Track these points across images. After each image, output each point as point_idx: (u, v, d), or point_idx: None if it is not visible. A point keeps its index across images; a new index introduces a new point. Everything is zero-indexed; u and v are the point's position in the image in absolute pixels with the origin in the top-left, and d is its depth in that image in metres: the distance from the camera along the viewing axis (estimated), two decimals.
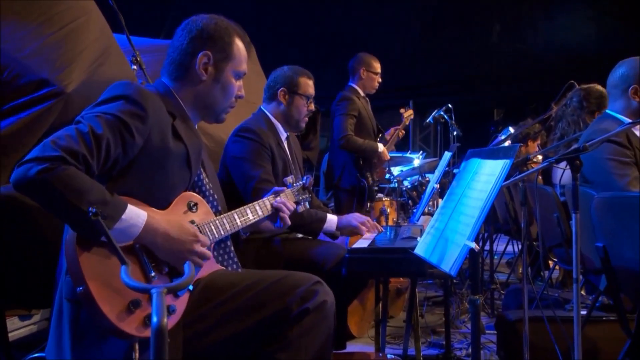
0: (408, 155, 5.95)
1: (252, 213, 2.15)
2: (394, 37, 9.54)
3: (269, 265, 2.92)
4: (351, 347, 3.79)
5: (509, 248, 6.11)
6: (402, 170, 5.73)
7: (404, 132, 5.02)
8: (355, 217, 3.07)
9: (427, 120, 5.52)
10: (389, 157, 4.70)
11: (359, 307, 3.95)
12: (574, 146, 2.27)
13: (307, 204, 2.58)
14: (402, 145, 9.86)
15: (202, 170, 2.09)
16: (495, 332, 3.46)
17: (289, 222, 2.27)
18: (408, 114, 5.03)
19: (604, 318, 3.06)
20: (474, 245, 1.79)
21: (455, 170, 3.43)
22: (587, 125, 3.37)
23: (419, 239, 2.27)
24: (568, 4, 9.21)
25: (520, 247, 5.32)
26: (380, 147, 4.65)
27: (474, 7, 9.69)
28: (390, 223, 4.94)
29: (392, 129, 5.00)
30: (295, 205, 2.34)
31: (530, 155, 2.91)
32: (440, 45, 9.94)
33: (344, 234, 3.18)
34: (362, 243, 2.83)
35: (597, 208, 2.06)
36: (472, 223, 1.83)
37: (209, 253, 1.85)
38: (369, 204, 4.61)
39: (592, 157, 2.68)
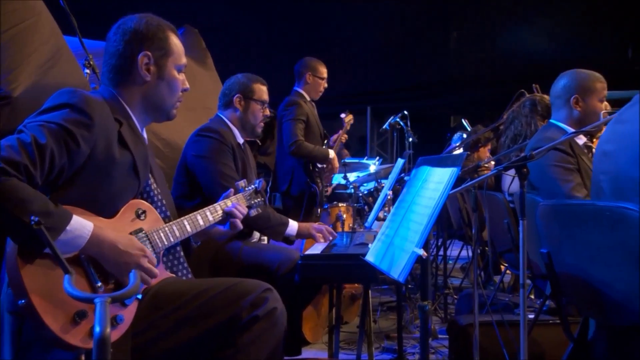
0: (365, 161, 6.00)
1: (202, 219, 2.14)
2: (352, 43, 9.60)
3: (224, 270, 2.92)
4: (306, 352, 3.79)
5: (463, 253, 6.21)
6: (358, 176, 5.77)
7: (346, 136, 5.02)
8: (314, 225, 3.11)
9: (384, 127, 5.57)
10: (337, 164, 4.70)
11: (314, 313, 3.95)
12: (521, 155, 2.34)
13: (259, 208, 2.58)
14: (360, 151, 9.95)
15: (150, 176, 2.07)
16: (447, 336, 3.51)
17: (240, 227, 2.26)
18: (348, 118, 5.04)
19: (550, 322, 3.14)
20: (422, 252, 1.82)
21: (406, 178, 3.47)
22: (538, 128, 3.47)
23: (370, 245, 2.29)
24: (524, 14, 9.42)
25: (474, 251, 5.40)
26: (332, 153, 4.63)
27: (432, 14, 9.83)
28: (346, 229, 4.95)
29: (335, 135, 5.01)
30: (247, 210, 2.33)
31: (481, 162, 2.97)
32: (398, 51, 10.04)
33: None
34: (315, 249, 2.85)
35: (541, 215, 2.11)
36: (420, 230, 1.86)
37: (155, 270, 1.83)
38: (319, 210, 4.61)
39: (537, 164, 2.76)
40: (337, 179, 5.68)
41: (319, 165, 4.65)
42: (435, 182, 1.95)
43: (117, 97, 1.98)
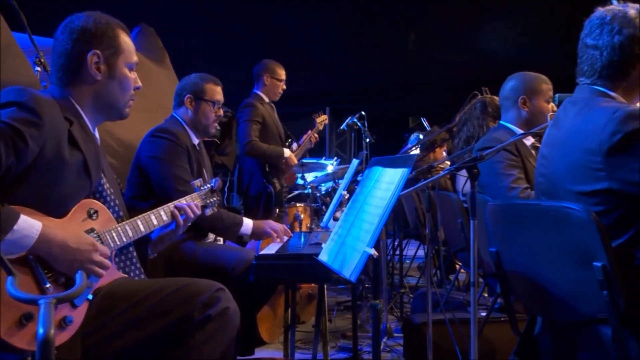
0: (322, 161, 6.02)
1: (156, 218, 2.13)
2: (311, 43, 9.62)
3: (179, 271, 2.91)
4: (262, 352, 3.80)
5: (420, 252, 6.28)
6: (316, 177, 5.79)
7: (317, 136, 5.06)
8: (270, 225, 3.11)
9: (341, 127, 5.61)
10: (296, 162, 4.73)
11: (270, 313, 3.96)
12: (472, 155, 2.39)
13: (215, 207, 2.58)
14: (319, 151, 9.97)
15: (102, 176, 2.05)
16: (402, 335, 3.56)
17: (186, 225, 2.25)
18: (321, 119, 5.09)
19: (502, 319, 3.21)
20: (372, 251, 1.85)
21: (359, 178, 3.52)
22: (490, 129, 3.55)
23: (323, 245, 2.31)
24: (481, 17, 9.58)
25: (432, 251, 5.47)
26: (287, 152, 4.67)
27: (390, 15, 9.91)
28: (303, 229, 4.97)
29: (305, 135, 5.04)
30: (199, 210, 2.32)
31: (434, 163, 3.02)
32: (357, 52, 10.09)
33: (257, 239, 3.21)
34: (270, 249, 2.86)
35: (489, 215, 2.16)
36: (371, 230, 1.89)
37: (108, 263, 1.82)
38: (277, 210, 4.62)
39: (485, 164, 2.84)
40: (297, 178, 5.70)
41: (282, 166, 4.68)
42: (386, 183, 1.98)
43: (68, 97, 1.95)
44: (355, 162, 3.47)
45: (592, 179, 1.81)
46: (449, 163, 4.50)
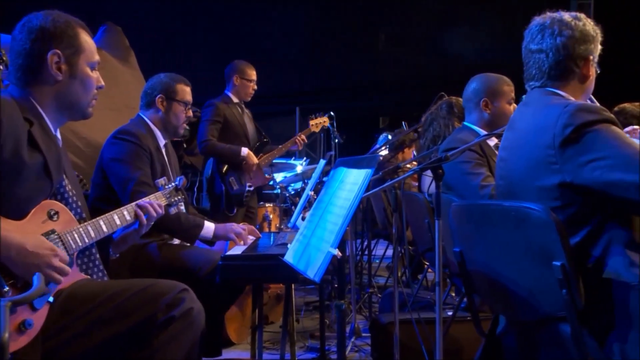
0: (292, 161, 6.02)
1: (119, 218, 2.11)
2: (282, 43, 9.62)
3: (145, 272, 2.87)
4: (230, 353, 3.79)
5: (389, 252, 6.31)
6: (285, 177, 5.78)
7: (304, 139, 5.03)
8: (233, 228, 3.08)
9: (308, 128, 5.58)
10: (255, 161, 4.70)
11: (238, 313, 3.95)
12: (437, 156, 2.41)
13: (181, 206, 2.56)
14: (290, 151, 9.95)
15: (64, 176, 2.02)
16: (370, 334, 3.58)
17: (149, 224, 2.23)
18: (316, 121, 5.08)
19: (468, 318, 3.24)
20: (336, 252, 1.86)
21: (324, 179, 3.52)
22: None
23: (289, 245, 2.31)
24: (449, 19, 9.68)
25: (400, 251, 5.51)
26: (244, 151, 4.63)
27: (360, 16, 9.96)
28: (273, 229, 4.97)
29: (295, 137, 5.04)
30: (161, 210, 2.30)
31: (401, 164, 3.04)
32: (327, 52, 10.12)
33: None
34: (237, 249, 2.85)
35: (453, 215, 2.18)
36: (336, 230, 1.90)
37: (67, 268, 1.79)
38: (235, 210, 4.61)
39: (451, 163, 2.87)
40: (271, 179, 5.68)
41: (243, 165, 4.66)
42: (350, 183, 1.98)
43: (28, 97, 1.92)
44: (322, 162, 3.48)
45: (548, 172, 1.85)
46: (416, 163, 4.53)
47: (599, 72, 2.11)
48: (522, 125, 2.04)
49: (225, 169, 4.63)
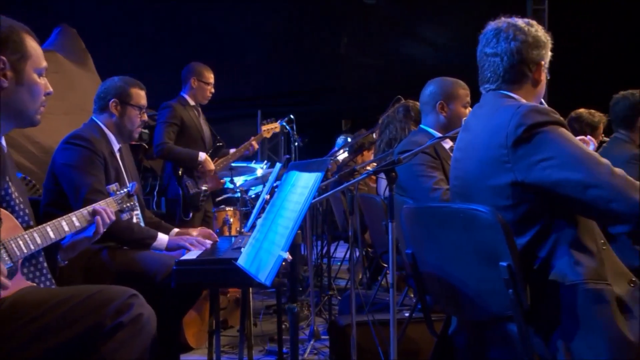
0: (252, 165, 6.00)
1: (68, 224, 2.07)
2: (244, 47, 9.59)
3: (99, 278, 2.83)
4: (188, 358, 3.77)
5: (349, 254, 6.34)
6: (245, 180, 5.76)
7: (253, 144, 5.01)
8: (188, 239, 3.06)
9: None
10: (212, 166, 4.66)
11: (197, 318, 3.93)
12: (390, 159, 2.44)
13: (135, 212, 2.53)
14: (252, 154, 9.93)
15: (9, 183, 1.98)
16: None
17: (102, 230, 2.20)
18: (268, 127, 5.07)
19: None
20: (287, 255, 1.86)
21: (277, 183, 3.52)
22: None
23: (242, 249, 2.31)
24: (409, 22, 9.78)
25: (358, 253, 5.54)
26: (202, 155, 4.59)
27: (322, 19, 10.00)
28: (233, 233, 4.95)
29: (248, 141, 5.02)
30: (113, 215, 2.27)
31: (356, 167, 3.06)
32: (290, 55, 10.12)
33: None
34: (192, 254, 2.83)
35: (405, 217, 2.21)
36: (286, 234, 1.90)
37: (6, 282, 1.74)
38: (190, 214, 4.56)
39: (404, 166, 2.91)
40: (225, 183, 5.64)
41: (199, 169, 4.62)
42: (301, 187, 1.99)
43: None
44: (278, 166, 3.48)
45: (501, 171, 1.89)
46: (375, 165, 4.56)
47: (549, 77, 2.16)
48: (476, 126, 2.08)
49: (181, 172, 4.57)
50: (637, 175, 3.72)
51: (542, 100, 2.22)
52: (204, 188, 4.71)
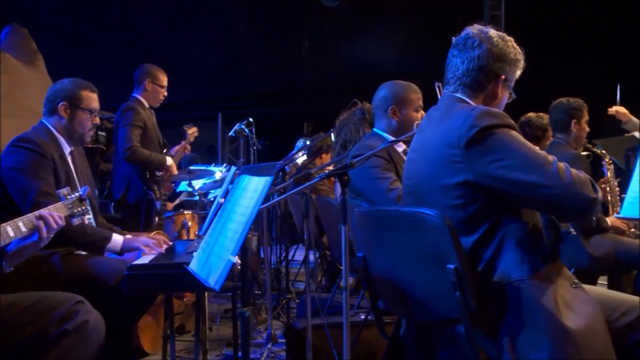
0: (211, 168, 5.96)
1: (13, 230, 2.03)
2: (204, 49, 9.53)
3: (48, 284, 2.77)
4: None
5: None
6: (204, 183, 5.71)
7: (189, 147, 4.98)
8: (142, 241, 3.02)
9: (229, 134, 5.57)
10: (176, 172, 4.63)
11: (153, 323, 3.88)
12: (342, 163, 2.45)
13: (87, 216, 2.49)
14: (212, 157, 9.88)
15: None
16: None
17: (46, 236, 2.15)
18: (192, 130, 5.03)
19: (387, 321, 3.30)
20: (235, 259, 1.86)
21: (229, 186, 3.51)
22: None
23: (194, 253, 2.30)
24: (369, 26, 9.85)
25: (317, 256, 5.56)
26: (169, 160, 4.55)
27: (284, 22, 10.00)
28: (192, 236, 4.91)
29: (177, 146, 4.97)
30: (62, 221, 2.23)
31: (312, 170, 3.07)
32: (251, 58, 10.10)
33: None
34: (145, 259, 2.80)
35: (356, 221, 2.22)
36: (236, 238, 1.90)
37: None
38: (156, 219, 4.50)
39: (358, 170, 2.92)
40: (184, 186, 5.60)
41: (158, 173, 4.54)
42: (252, 191, 1.99)
43: None
44: (232, 169, 3.47)
45: (453, 171, 1.92)
46: (332, 167, 4.58)
47: (514, 97, 2.18)
48: (431, 127, 2.10)
49: (148, 176, 4.48)
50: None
51: None
52: (164, 192, 4.68)
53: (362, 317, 3.42)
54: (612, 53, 8.76)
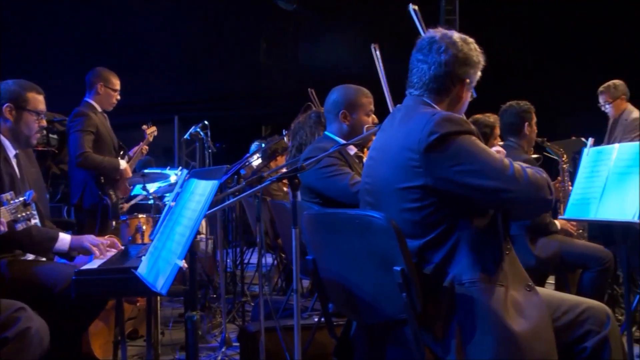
0: (166, 171, 5.91)
1: None
2: (161, 50, 9.44)
3: None
4: None
5: (265, 261, 6.31)
6: (159, 187, 5.66)
7: (147, 148, 4.93)
8: (89, 239, 2.97)
9: (184, 137, 5.53)
10: (130, 174, 4.57)
11: (104, 328, 3.82)
12: (294, 166, 2.46)
13: (32, 221, 2.44)
14: (168, 160, 9.77)
15: None
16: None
17: None
18: (150, 130, 4.97)
19: (334, 323, 3.32)
20: (182, 263, 1.85)
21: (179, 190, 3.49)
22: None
23: (142, 258, 2.28)
24: (326, 28, 9.90)
25: (272, 259, 5.56)
26: (123, 164, 4.50)
27: (241, 24, 9.97)
28: (146, 240, 4.85)
29: (135, 147, 4.91)
30: (3, 227, 2.19)
31: (264, 174, 3.06)
32: (208, 60, 10.03)
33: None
34: (94, 263, 2.76)
35: (306, 224, 2.23)
36: (183, 242, 1.90)
37: None
38: (113, 223, 4.45)
39: (314, 173, 2.97)
40: (138, 189, 5.54)
41: (117, 177, 4.51)
42: (199, 195, 1.99)
43: None
44: (184, 172, 3.45)
45: (411, 175, 1.95)
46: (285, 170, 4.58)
47: (474, 96, 2.22)
48: (392, 128, 2.12)
49: (103, 182, 4.42)
50: None
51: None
52: (120, 196, 4.62)
53: (316, 319, 3.44)
54: (562, 57, 8.97)
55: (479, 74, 2.18)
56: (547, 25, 8.93)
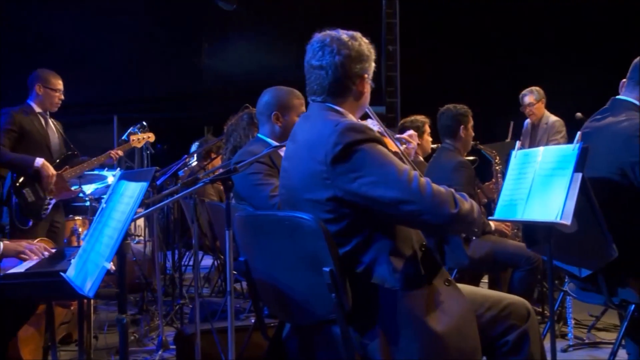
0: (104, 172, 5.81)
1: None
2: (101, 50, 9.25)
3: None
4: None
5: (205, 262, 6.26)
6: (96, 188, 5.56)
7: (119, 153, 4.86)
8: (23, 244, 2.90)
9: (122, 138, 5.43)
10: (51, 172, 4.45)
11: (35, 334, 3.72)
12: (227, 168, 2.47)
13: None
14: (107, 161, 9.57)
15: None
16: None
17: None
18: (137, 136, 4.92)
19: (271, 324, 3.34)
20: (109, 266, 1.84)
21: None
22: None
23: (72, 260, 2.24)
24: (267, 29, 9.91)
25: (213, 261, 5.53)
26: (38, 161, 4.37)
27: (183, 24, 9.87)
28: (82, 242, 4.76)
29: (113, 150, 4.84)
30: None
31: (199, 175, 3.06)
32: (149, 60, 9.89)
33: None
34: (22, 267, 2.70)
35: (237, 226, 2.24)
36: (111, 244, 1.88)
37: None
38: (30, 223, 4.35)
39: (243, 178, 2.97)
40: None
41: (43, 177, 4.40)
42: (128, 197, 1.97)
43: None
44: (118, 174, 3.38)
45: (321, 187, 1.95)
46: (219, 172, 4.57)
47: (373, 86, 2.24)
48: (301, 137, 2.13)
49: (21, 180, 4.33)
50: (464, 180, 4.03)
51: (369, 108, 2.32)
52: (49, 197, 4.49)
53: (253, 320, 3.45)
54: (494, 58, 9.20)
55: (374, 64, 2.20)
56: (489, 25, 9.11)
